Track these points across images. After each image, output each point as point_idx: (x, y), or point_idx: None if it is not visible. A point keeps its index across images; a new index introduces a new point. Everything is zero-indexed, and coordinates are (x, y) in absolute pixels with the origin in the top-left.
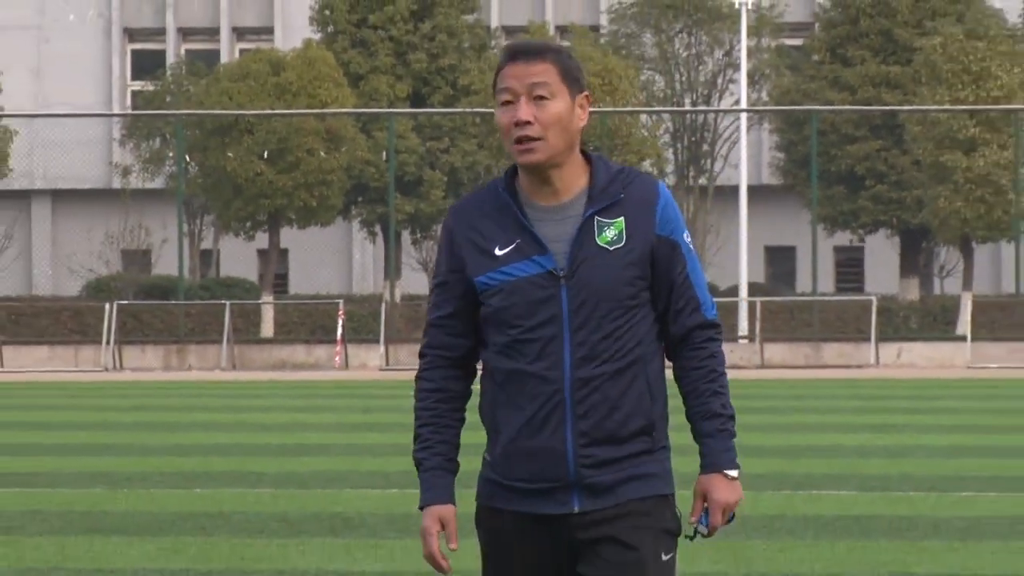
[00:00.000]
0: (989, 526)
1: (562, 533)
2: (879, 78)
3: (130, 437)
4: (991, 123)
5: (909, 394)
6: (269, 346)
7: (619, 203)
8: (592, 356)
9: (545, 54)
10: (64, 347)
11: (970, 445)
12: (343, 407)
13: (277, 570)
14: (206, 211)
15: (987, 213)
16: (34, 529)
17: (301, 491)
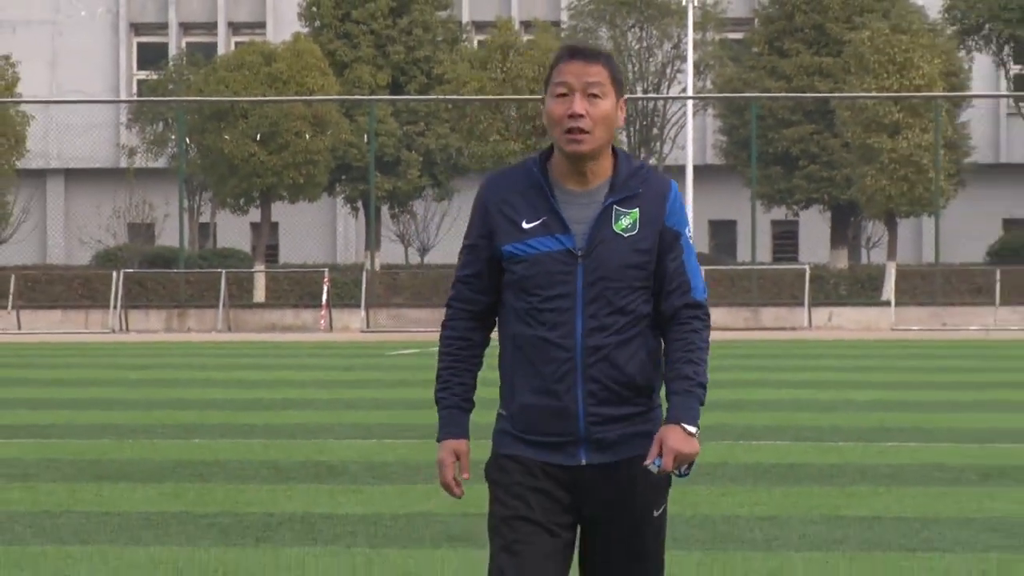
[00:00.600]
0: (910, 473)
1: (569, 483)
2: (812, 68)
3: (135, 393)
4: (913, 109)
5: (838, 354)
6: (261, 310)
7: (636, 196)
8: (601, 327)
9: (600, 58)
10: (75, 311)
11: (893, 400)
12: (327, 366)
13: (267, 513)
14: (204, 188)
15: (909, 190)
16: (48, 476)
17: (289, 441)
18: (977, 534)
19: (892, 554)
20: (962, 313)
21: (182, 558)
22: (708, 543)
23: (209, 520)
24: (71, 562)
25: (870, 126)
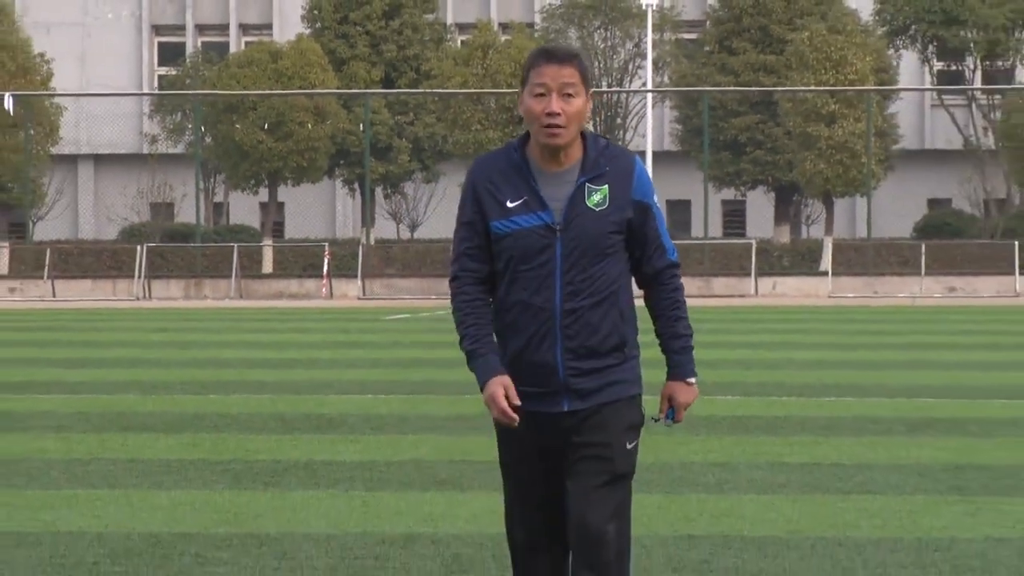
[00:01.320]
0: (846, 424)
1: (554, 427)
2: (758, 65)
3: (156, 353)
4: (848, 101)
5: (782, 319)
6: (269, 280)
7: (604, 174)
8: (577, 292)
9: (573, 60)
10: (104, 281)
11: (830, 359)
12: (328, 329)
13: (275, 460)
14: (218, 171)
15: (844, 173)
16: (79, 427)
17: (294, 396)
18: (906, 478)
19: (830, 496)
20: (891, 282)
21: (199, 500)
22: (667, 486)
23: (223, 467)
24: (100, 504)
25: (809, 116)
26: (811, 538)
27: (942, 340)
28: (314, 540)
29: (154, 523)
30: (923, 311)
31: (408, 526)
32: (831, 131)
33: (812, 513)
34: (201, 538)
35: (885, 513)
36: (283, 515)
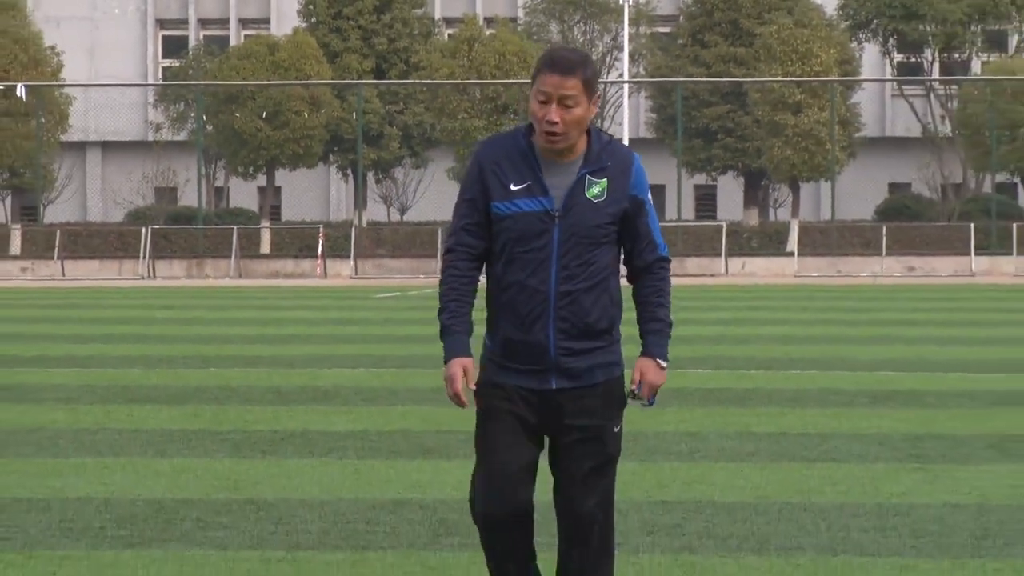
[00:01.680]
0: (811, 396)
1: (542, 404)
2: (728, 57)
3: (161, 329)
4: (813, 91)
5: (750, 296)
6: (267, 260)
7: (605, 168)
8: (572, 276)
9: (576, 70)
10: (111, 261)
11: (796, 335)
12: (323, 306)
13: (272, 430)
14: (219, 158)
15: (810, 159)
16: (87, 399)
17: (290, 370)
18: (867, 447)
19: (796, 464)
20: (854, 262)
21: (200, 468)
22: (641, 455)
23: (223, 436)
24: (106, 471)
25: (777, 106)
26: (778, 503)
27: (902, 317)
28: (309, 505)
29: (157, 489)
30: (884, 289)
31: (397, 492)
32: (797, 120)
33: (779, 480)
34: (202, 504)
35: (848, 480)
36: (280, 482)
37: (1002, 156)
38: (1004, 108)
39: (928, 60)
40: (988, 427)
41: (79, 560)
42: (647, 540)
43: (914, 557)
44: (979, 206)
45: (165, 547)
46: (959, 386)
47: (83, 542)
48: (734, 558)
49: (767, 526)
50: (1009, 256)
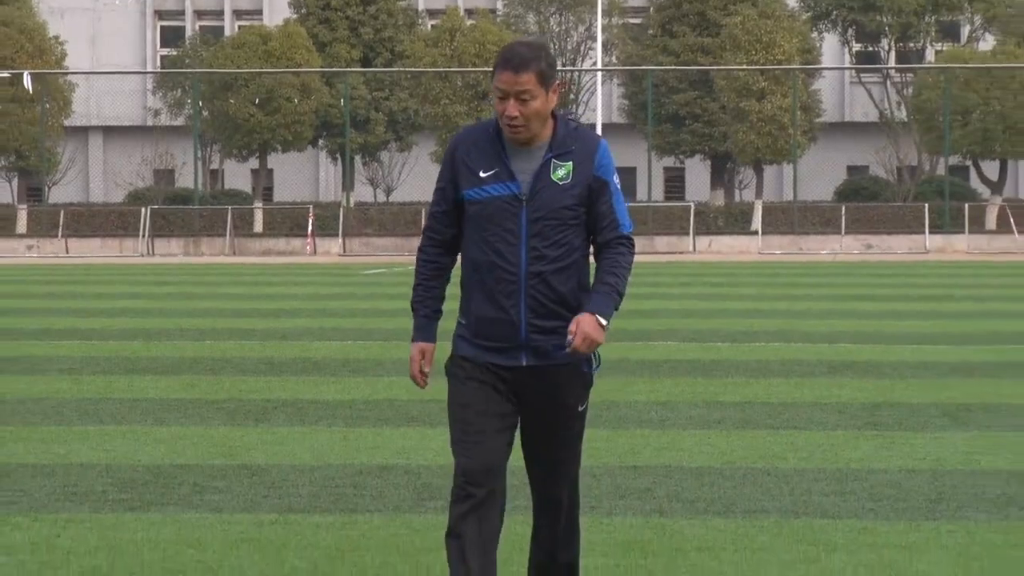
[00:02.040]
0: (774, 367)
1: (513, 380)
2: (696, 47)
3: (159, 304)
4: (776, 79)
5: (717, 272)
6: (259, 238)
7: (570, 152)
8: (541, 257)
9: (529, 66)
10: (112, 239)
11: (760, 309)
12: (312, 282)
13: (264, 399)
14: (214, 142)
15: (773, 143)
16: (90, 370)
17: (281, 342)
18: (827, 415)
19: (760, 431)
20: (814, 241)
21: (196, 435)
22: (614, 423)
23: (218, 405)
24: (108, 438)
25: (741, 92)
26: (743, 468)
27: (859, 292)
28: (299, 470)
29: (156, 455)
30: (843, 266)
31: (384, 458)
32: (761, 106)
33: (744, 446)
34: (198, 469)
35: (809, 446)
36: (272, 448)
37: (955, 140)
38: (957, 95)
39: (885, 49)
40: (942, 396)
41: (82, 522)
42: (619, 503)
43: (872, 520)
44: (933, 188)
45: (163, 510)
46: (914, 358)
47: (86, 505)
48: (701, 520)
49: (733, 490)
50: (961, 235)
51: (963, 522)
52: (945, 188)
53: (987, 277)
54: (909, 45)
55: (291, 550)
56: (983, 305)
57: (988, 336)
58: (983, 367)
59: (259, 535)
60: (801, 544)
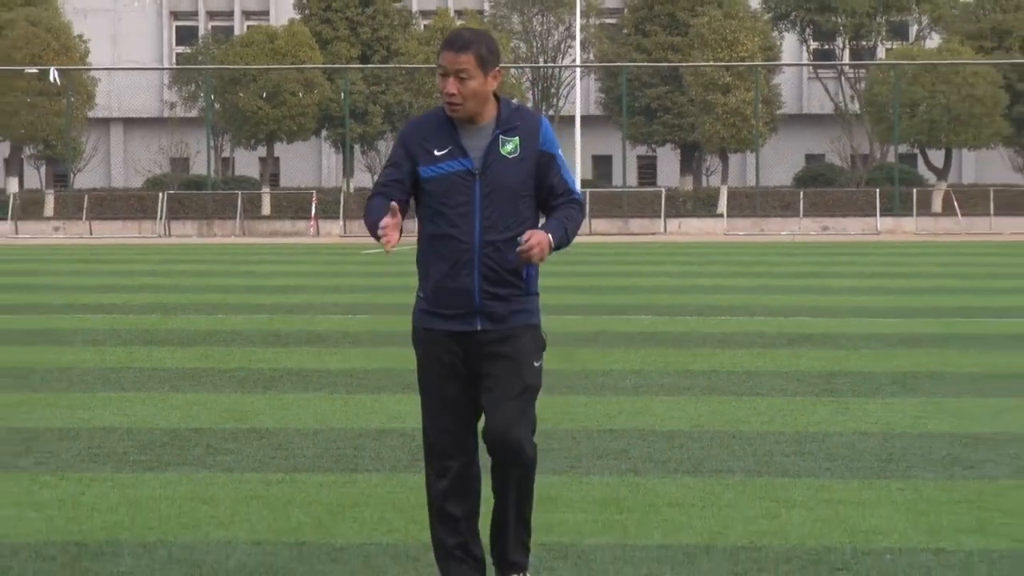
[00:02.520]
0: (738, 339)
1: (470, 345)
2: (667, 45)
3: (176, 280)
4: (740, 75)
5: (686, 252)
6: (267, 221)
7: (516, 128)
8: (493, 227)
9: (469, 47)
10: (131, 221)
11: (725, 285)
12: (316, 261)
13: (272, 368)
14: (225, 132)
15: (737, 133)
16: (112, 342)
17: (288, 316)
18: (787, 383)
19: (725, 397)
20: (775, 223)
21: (210, 402)
22: (592, 390)
23: (229, 374)
24: (129, 404)
25: (708, 87)
26: (710, 431)
27: (816, 270)
28: (304, 434)
29: (173, 420)
30: (801, 246)
31: (381, 422)
32: (726, 99)
33: (711, 411)
34: (211, 432)
35: (770, 411)
36: (279, 413)
37: (904, 130)
38: (905, 89)
39: (839, 47)
40: (892, 365)
41: (104, 481)
42: (597, 463)
43: (828, 478)
44: (884, 174)
45: (179, 470)
46: (866, 330)
47: (108, 466)
48: (672, 479)
49: (701, 451)
50: (910, 217)
51: (911, 480)
52: (895, 174)
53: (933, 256)
54: (862, 43)
55: (296, 506)
56: (929, 282)
57: (934, 310)
58: (929, 338)
59: (267, 492)
60: (763, 501)
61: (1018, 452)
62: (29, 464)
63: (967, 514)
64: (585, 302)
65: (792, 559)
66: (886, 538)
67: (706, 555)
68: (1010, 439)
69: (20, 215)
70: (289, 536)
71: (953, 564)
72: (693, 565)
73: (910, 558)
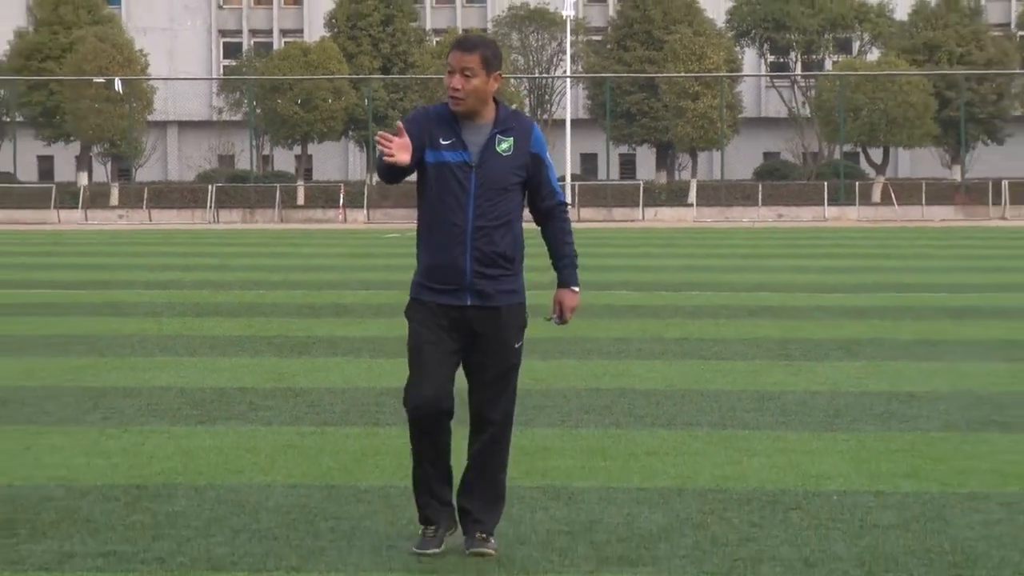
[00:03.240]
0: (706, 311)
1: (459, 317)
2: (644, 58)
3: (223, 261)
4: (707, 84)
5: (661, 237)
6: (301, 210)
7: (511, 129)
8: (484, 214)
9: (476, 48)
10: (185, 210)
11: (695, 265)
12: (343, 244)
13: (305, 336)
14: (265, 133)
15: (704, 134)
16: (168, 313)
17: (317, 292)
18: (748, 348)
19: (695, 361)
20: (737, 211)
21: (252, 364)
22: (579, 354)
23: (269, 341)
24: (182, 367)
25: (680, 94)
26: (682, 390)
27: (773, 251)
28: (333, 392)
29: (221, 380)
30: (760, 231)
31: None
32: (696, 105)
33: (683, 373)
34: (254, 391)
35: (734, 373)
36: (312, 375)
37: (848, 132)
38: (849, 96)
39: (793, 60)
40: (838, 334)
41: (161, 433)
42: (584, 417)
43: (783, 431)
44: (831, 169)
45: (226, 423)
46: (815, 302)
47: (164, 420)
48: (649, 431)
49: (674, 407)
50: (853, 206)
51: (855, 432)
52: (840, 170)
53: (873, 240)
54: (812, 57)
55: (326, 455)
56: (869, 262)
57: (873, 286)
58: (870, 310)
59: (301, 443)
60: (728, 450)
61: (946, 408)
62: (97, 419)
63: (902, 461)
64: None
65: (752, 500)
66: (833, 482)
67: (678, 496)
68: (939, 397)
69: (89, 205)
70: (320, 480)
71: (891, 504)
72: (667, 505)
73: (853, 499)
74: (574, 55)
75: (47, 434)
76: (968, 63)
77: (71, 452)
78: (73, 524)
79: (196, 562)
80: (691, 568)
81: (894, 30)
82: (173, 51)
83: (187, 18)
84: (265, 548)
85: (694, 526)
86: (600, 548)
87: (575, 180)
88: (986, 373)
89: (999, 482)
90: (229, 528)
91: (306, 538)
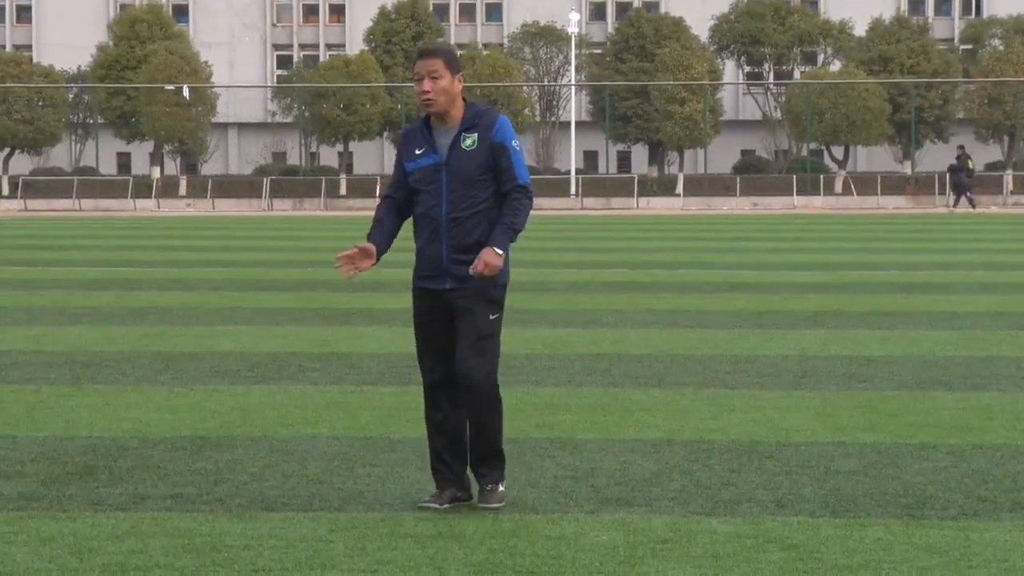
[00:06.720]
0: (690, 286)
1: (441, 299)
2: (639, 69)
3: (276, 243)
4: (692, 91)
5: (653, 224)
6: (344, 199)
7: (475, 126)
8: (458, 206)
9: (437, 54)
10: (244, 199)
11: (682, 247)
12: None
13: (348, 307)
14: (312, 133)
15: (690, 134)
16: (228, 288)
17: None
18: (726, 319)
19: (681, 329)
20: (718, 200)
21: (301, 333)
22: (582, 324)
23: (315, 312)
24: (240, 335)
25: (669, 100)
26: (671, 355)
27: (749, 235)
28: (371, 356)
29: (274, 346)
30: (737, 218)
31: None
32: (683, 109)
33: (670, 340)
34: (302, 356)
35: (715, 340)
36: (353, 341)
37: (814, 132)
38: (815, 101)
39: (766, 70)
40: (806, 306)
41: (222, 392)
42: (587, 378)
43: (758, 390)
44: (799, 164)
45: (279, 383)
46: (786, 279)
47: (225, 380)
48: (643, 390)
49: (664, 369)
50: (818, 196)
51: (820, 391)
52: (807, 165)
53: (835, 225)
54: (783, 67)
55: (365, 410)
56: (832, 243)
57: (836, 264)
58: (832, 286)
59: (343, 400)
60: (711, 407)
61: (899, 370)
62: (167, 379)
63: (861, 416)
64: (578, 260)
65: (732, 450)
66: (801, 434)
67: (667, 446)
68: (893, 360)
69: (161, 195)
70: (359, 432)
71: (851, 453)
72: (658, 454)
73: (819, 449)
74: (578, 66)
75: (124, 392)
76: (917, 73)
77: (144, 408)
78: (145, 470)
79: (252, 503)
80: (679, 508)
81: (853, 45)
82: (233, 62)
83: (245, 34)
84: (311, 491)
85: (681, 472)
86: (600, 491)
87: (579, 174)
88: (933, 340)
89: (944, 434)
90: (280, 474)
91: (347, 482)
